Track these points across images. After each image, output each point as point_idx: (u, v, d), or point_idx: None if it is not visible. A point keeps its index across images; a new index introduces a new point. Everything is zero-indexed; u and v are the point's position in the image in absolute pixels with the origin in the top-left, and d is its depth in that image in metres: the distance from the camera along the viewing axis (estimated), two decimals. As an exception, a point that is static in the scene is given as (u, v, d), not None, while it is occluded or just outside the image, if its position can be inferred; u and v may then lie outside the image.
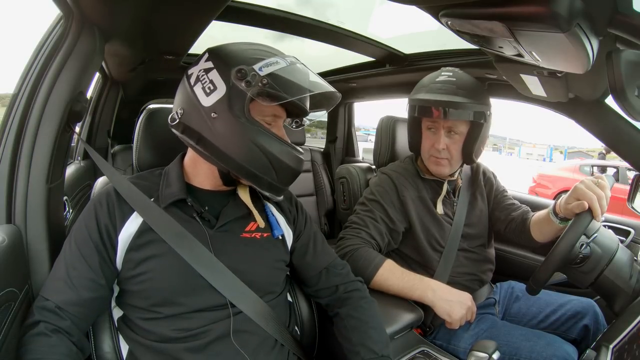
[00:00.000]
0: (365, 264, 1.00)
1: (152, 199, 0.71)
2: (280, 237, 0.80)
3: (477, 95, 1.06)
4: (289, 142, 0.72)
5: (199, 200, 0.74)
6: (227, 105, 0.65)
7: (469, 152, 1.11)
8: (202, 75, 0.68)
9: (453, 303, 0.96)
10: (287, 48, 0.70)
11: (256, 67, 0.65)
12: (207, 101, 0.67)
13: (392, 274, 1.00)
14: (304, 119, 0.81)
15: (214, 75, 0.67)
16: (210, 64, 0.68)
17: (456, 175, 1.20)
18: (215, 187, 0.76)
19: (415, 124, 1.17)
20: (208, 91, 0.67)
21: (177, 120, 0.71)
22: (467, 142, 1.11)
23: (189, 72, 0.71)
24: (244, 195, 0.76)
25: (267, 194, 0.72)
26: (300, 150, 0.73)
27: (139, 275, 0.67)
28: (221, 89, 0.66)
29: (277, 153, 0.68)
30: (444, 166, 1.12)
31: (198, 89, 0.68)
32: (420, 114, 1.10)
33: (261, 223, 0.77)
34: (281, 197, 0.75)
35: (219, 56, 0.69)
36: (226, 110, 0.65)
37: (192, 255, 0.67)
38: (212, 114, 0.66)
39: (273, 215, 0.81)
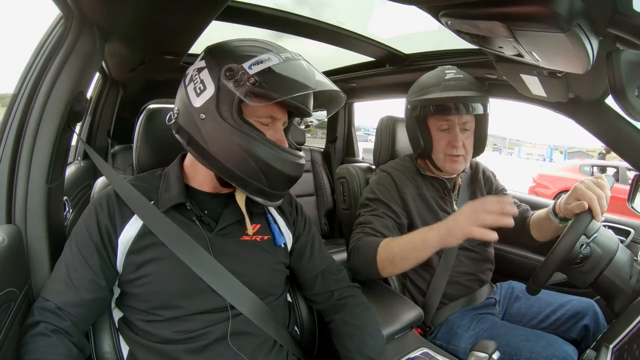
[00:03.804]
0: (367, 249, 0.97)
1: (152, 202, 0.70)
2: (283, 246, 0.79)
3: (482, 88, 1.10)
4: (286, 146, 0.68)
5: (199, 203, 0.73)
6: (215, 106, 0.63)
7: (480, 145, 1.16)
8: (195, 75, 0.66)
9: (454, 225, 0.83)
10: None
11: (246, 65, 0.61)
12: (197, 102, 0.65)
13: (392, 241, 0.96)
14: (310, 118, 0.77)
15: (205, 74, 0.64)
16: (203, 63, 0.66)
17: None
18: (215, 190, 0.75)
19: (422, 127, 1.13)
20: (198, 91, 0.65)
21: (173, 120, 0.70)
22: (477, 135, 1.15)
23: (187, 71, 0.70)
24: (240, 199, 0.73)
25: (257, 199, 0.68)
26: (300, 154, 0.69)
27: (140, 278, 0.66)
28: (210, 89, 0.63)
29: (267, 158, 0.64)
30: (460, 163, 1.12)
31: (190, 89, 0.66)
32: (438, 112, 1.08)
33: (250, 230, 0.73)
34: (276, 203, 0.71)
35: (212, 55, 0.66)
36: (214, 112, 0.63)
37: (192, 258, 0.67)
38: (201, 115, 0.64)
39: (275, 223, 0.79)
